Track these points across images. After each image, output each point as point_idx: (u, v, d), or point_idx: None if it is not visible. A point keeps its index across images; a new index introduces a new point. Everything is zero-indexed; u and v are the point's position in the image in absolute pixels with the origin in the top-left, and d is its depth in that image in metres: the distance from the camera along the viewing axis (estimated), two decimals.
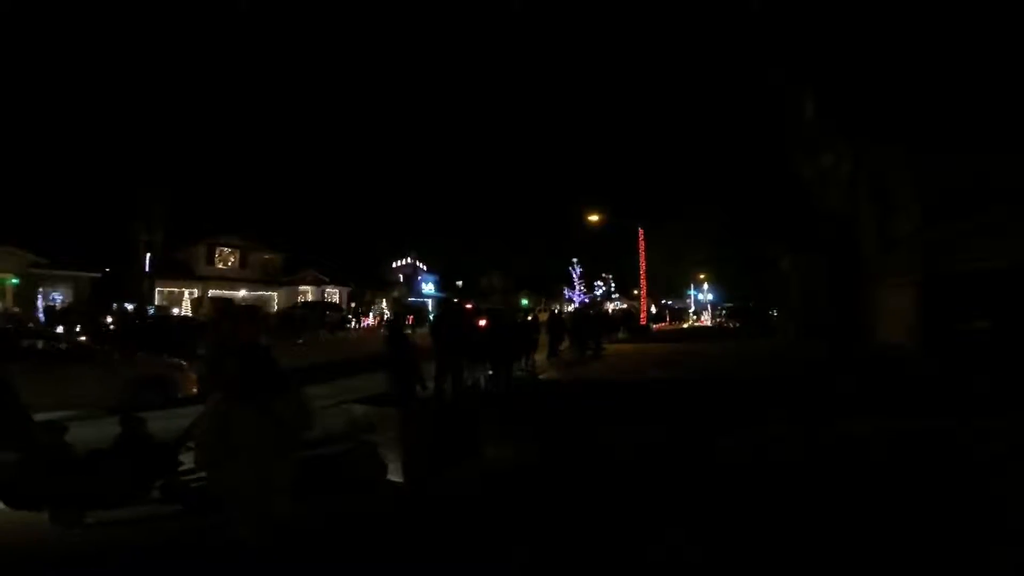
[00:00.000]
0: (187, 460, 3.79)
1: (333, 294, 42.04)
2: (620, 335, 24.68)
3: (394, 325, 8.14)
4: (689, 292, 54.60)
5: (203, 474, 5.24)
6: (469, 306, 17.22)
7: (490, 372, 10.26)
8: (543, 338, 14.90)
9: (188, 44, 50.96)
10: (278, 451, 3.02)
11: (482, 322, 11.27)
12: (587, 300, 46.36)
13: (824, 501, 3.92)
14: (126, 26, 44.28)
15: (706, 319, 47.76)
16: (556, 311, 23.82)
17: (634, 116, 77.30)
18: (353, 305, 40.64)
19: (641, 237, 28.64)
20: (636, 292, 35.13)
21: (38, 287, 25.29)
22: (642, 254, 28.76)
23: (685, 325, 41.64)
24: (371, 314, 39.70)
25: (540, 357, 13.98)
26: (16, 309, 21.68)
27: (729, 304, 48.60)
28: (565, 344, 16.49)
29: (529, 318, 16.08)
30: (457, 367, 8.76)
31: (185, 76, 52.00)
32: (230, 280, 35.27)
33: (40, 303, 24.06)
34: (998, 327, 8.92)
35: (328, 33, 67.55)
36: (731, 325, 36.90)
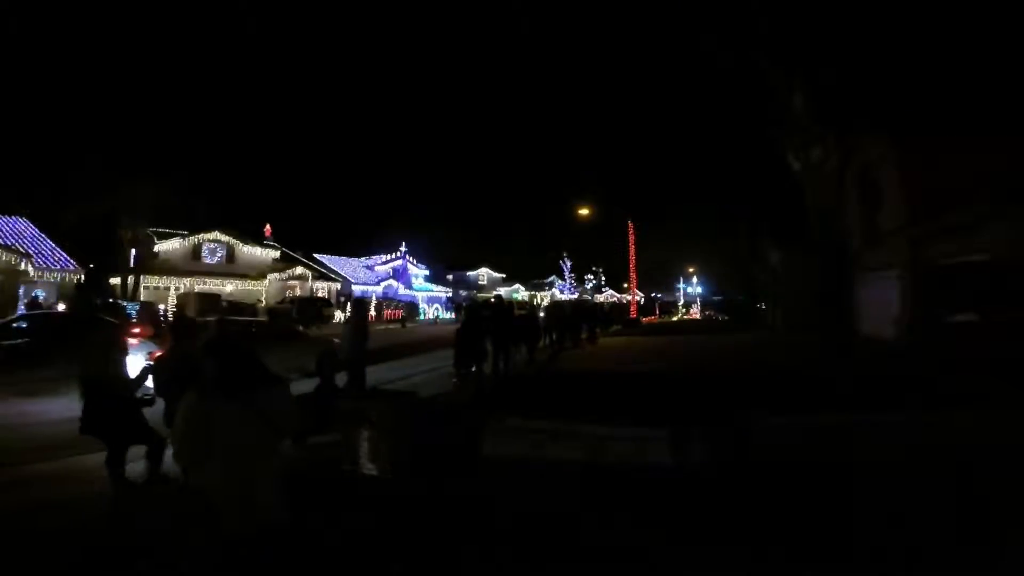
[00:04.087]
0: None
1: (322, 289, 41.79)
2: (610, 327, 24.79)
3: (470, 319, 9.53)
4: (679, 285, 54.89)
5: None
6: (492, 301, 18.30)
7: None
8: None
9: (174, 36, 50.15)
10: (262, 448, 2.95)
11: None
12: (577, 293, 46.45)
13: None
14: (108, 21, 43.42)
15: (695, 312, 48.04)
16: (556, 303, 24.23)
17: (625, 110, 77.34)
18: (343, 299, 40.47)
19: (631, 231, 28.67)
20: (626, 285, 35.26)
21: (19, 284, 24.87)
22: (632, 248, 28.81)
23: (674, 318, 41.81)
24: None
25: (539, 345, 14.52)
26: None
27: (718, 297, 48.93)
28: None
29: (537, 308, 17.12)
30: (508, 350, 10.48)
31: (172, 70, 51.21)
32: (217, 275, 34.92)
33: (22, 300, 23.68)
34: (983, 320, 9.02)
35: (320, 28, 66.84)
36: (720, 318, 37.11)
